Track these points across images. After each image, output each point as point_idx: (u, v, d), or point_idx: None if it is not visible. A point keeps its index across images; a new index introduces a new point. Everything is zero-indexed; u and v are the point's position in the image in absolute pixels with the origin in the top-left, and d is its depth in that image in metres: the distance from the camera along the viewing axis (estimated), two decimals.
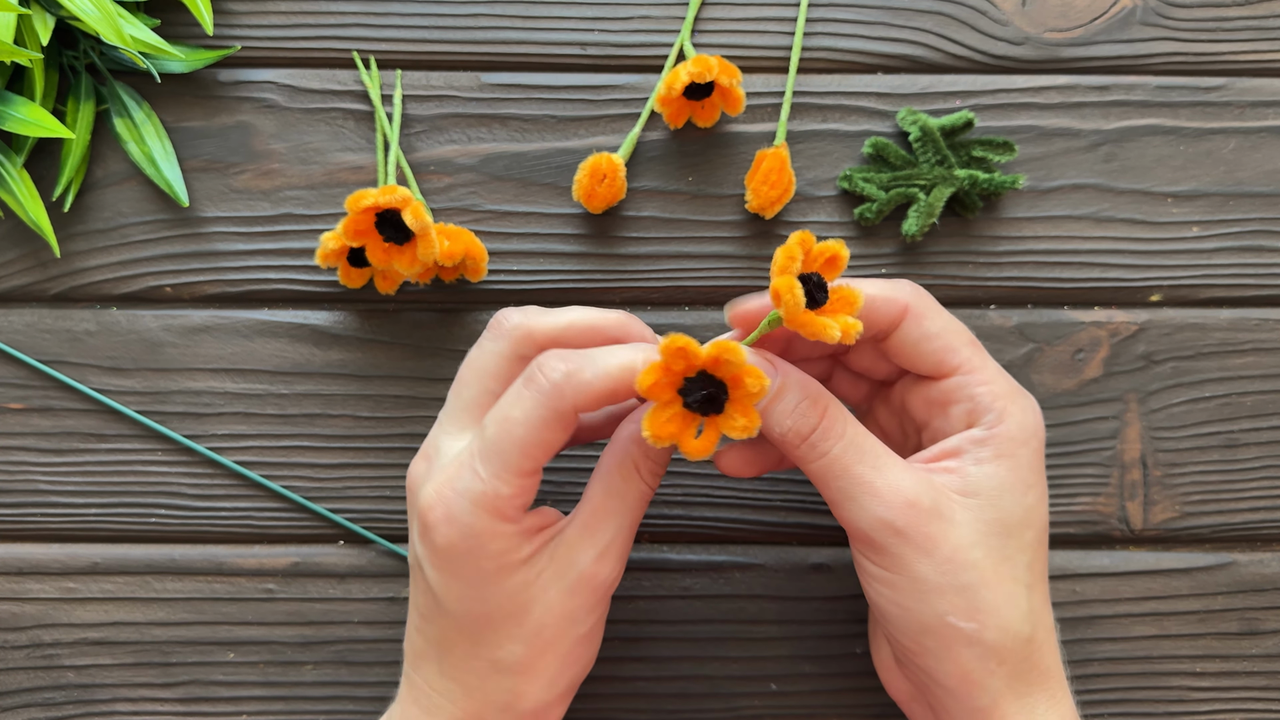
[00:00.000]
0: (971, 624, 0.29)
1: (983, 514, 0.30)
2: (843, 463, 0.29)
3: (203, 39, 0.41)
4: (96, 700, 0.39)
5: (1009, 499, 0.30)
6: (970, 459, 0.30)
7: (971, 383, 0.31)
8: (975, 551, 0.29)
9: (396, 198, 0.35)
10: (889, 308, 0.31)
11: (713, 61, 0.37)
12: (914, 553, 0.29)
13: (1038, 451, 0.31)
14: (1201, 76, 0.41)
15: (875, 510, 0.29)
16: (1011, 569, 0.30)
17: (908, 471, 0.30)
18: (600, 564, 0.31)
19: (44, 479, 0.40)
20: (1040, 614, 0.31)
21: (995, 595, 0.29)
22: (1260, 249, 0.41)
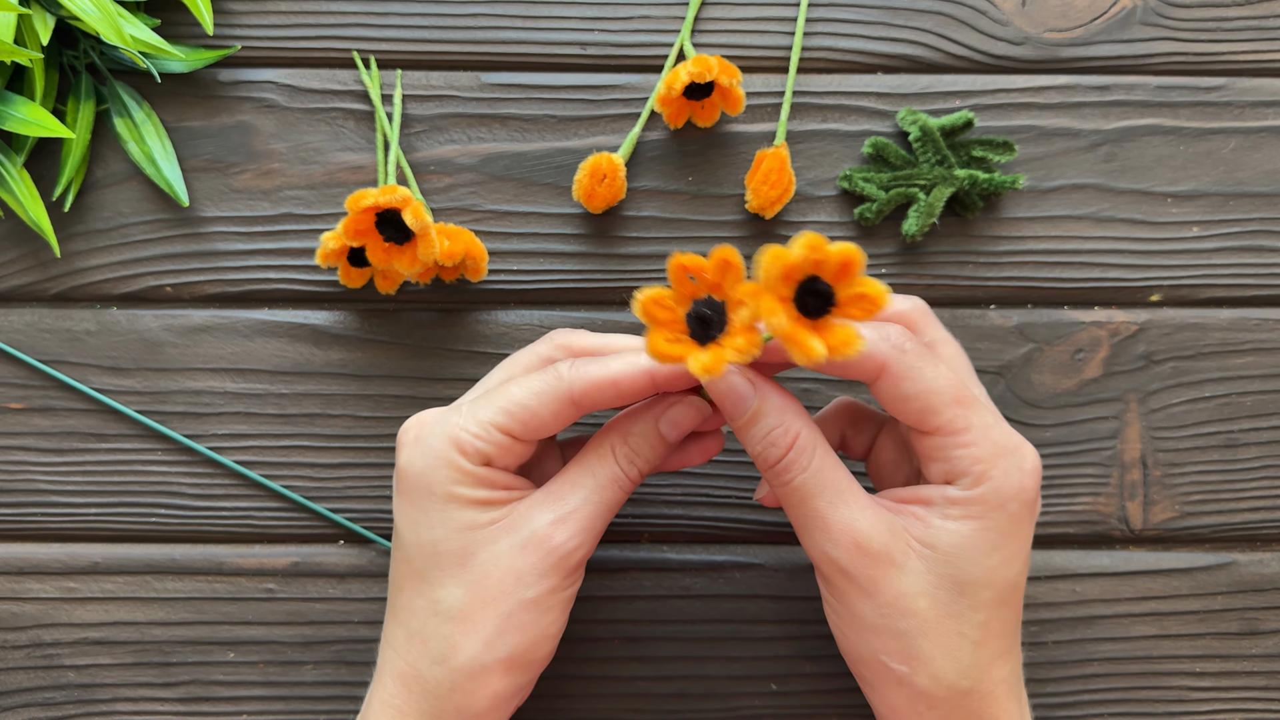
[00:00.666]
0: (903, 667, 0.30)
1: (936, 568, 0.30)
2: (802, 494, 0.30)
3: (203, 39, 0.41)
4: (97, 700, 0.39)
5: (968, 558, 0.30)
6: (938, 512, 0.30)
7: (950, 445, 0.30)
8: (920, 601, 0.29)
9: (396, 197, 0.35)
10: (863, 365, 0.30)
11: (712, 61, 0.37)
12: (856, 592, 0.30)
13: (1016, 515, 0.30)
14: (1201, 76, 0.41)
15: (824, 546, 0.30)
16: (958, 624, 0.30)
17: (866, 511, 0.30)
18: (556, 528, 0.31)
19: (44, 479, 0.40)
20: (987, 669, 0.30)
21: (932, 645, 0.30)
22: (1260, 249, 0.41)
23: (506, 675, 0.31)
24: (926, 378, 0.30)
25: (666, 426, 0.32)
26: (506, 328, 0.40)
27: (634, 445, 0.32)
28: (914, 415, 0.30)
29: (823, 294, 0.25)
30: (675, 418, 0.32)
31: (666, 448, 0.33)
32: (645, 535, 0.40)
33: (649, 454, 0.32)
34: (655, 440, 0.32)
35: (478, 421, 0.31)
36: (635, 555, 0.40)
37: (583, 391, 0.31)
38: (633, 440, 0.32)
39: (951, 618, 0.30)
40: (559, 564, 0.31)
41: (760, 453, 0.30)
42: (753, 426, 0.30)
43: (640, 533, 0.40)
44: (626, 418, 0.33)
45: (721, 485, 0.40)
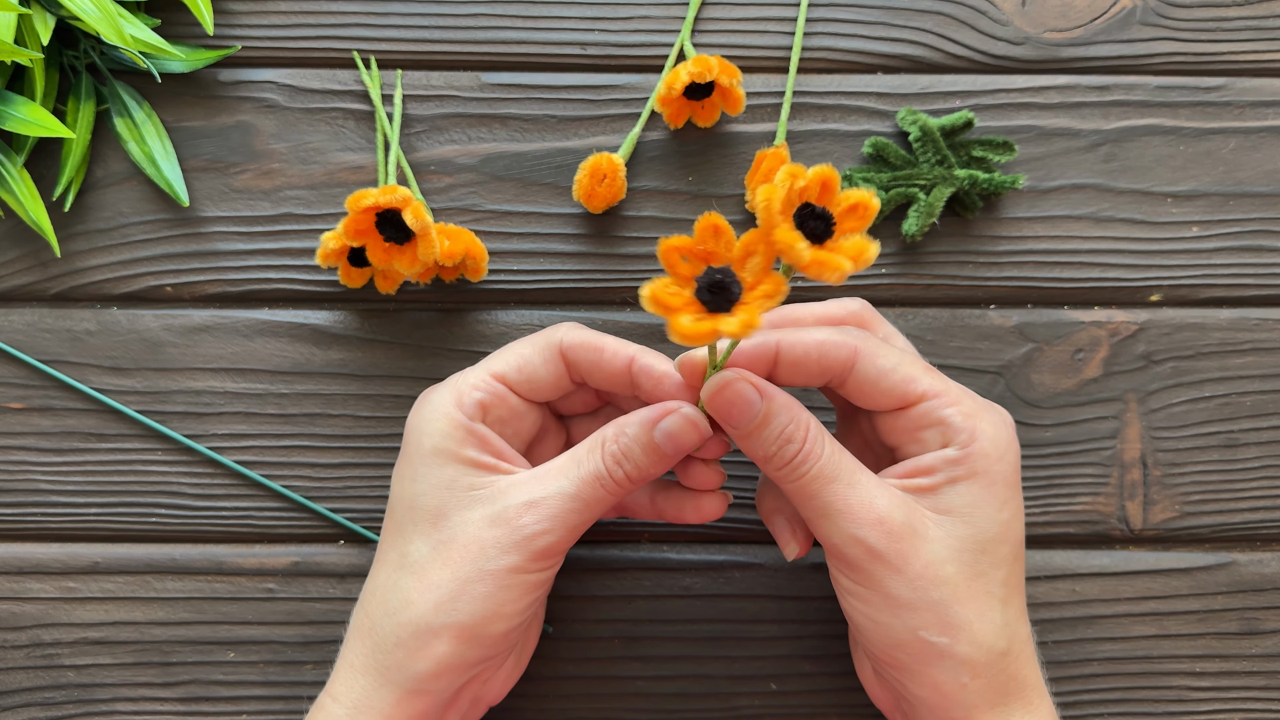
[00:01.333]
0: (943, 639, 0.30)
1: (956, 531, 0.30)
2: (819, 482, 0.30)
3: (203, 39, 0.41)
4: (96, 700, 0.39)
5: (983, 515, 0.30)
6: (944, 476, 0.30)
7: (939, 406, 0.31)
8: (948, 568, 0.30)
9: (397, 197, 0.35)
10: (837, 354, 0.31)
11: (713, 61, 0.37)
12: (886, 570, 0.29)
13: (1013, 466, 0.31)
14: (1201, 76, 0.42)
15: (848, 528, 0.29)
16: (985, 584, 0.30)
17: (881, 489, 0.30)
18: (527, 511, 0.30)
19: (44, 478, 0.40)
20: (1015, 627, 0.31)
21: (968, 610, 0.30)
22: (1260, 249, 0.41)
23: (455, 643, 0.30)
24: (895, 353, 0.31)
25: (662, 436, 0.31)
26: (506, 328, 0.40)
27: (624, 445, 0.31)
28: (896, 388, 0.31)
29: (822, 216, 0.25)
30: (671, 428, 0.31)
31: (659, 459, 0.31)
32: (645, 535, 0.40)
33: (639, 458, 0.31)
34: (648, 445, 0.31)
35: (476, 374, 0.33)
36: (635, 555, 0.40)
37: (570, 345, 0.33)
38: (624, 440, 0.31)
39: (978, 579, 0.30)
40: (523, 544, 0.30)
41: (775, 453, 0.30)
42: (764, 429, 0.30)
43: (640, 533, 0.40)
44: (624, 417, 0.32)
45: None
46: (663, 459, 0.31)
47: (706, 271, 0.26)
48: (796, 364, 0.31)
